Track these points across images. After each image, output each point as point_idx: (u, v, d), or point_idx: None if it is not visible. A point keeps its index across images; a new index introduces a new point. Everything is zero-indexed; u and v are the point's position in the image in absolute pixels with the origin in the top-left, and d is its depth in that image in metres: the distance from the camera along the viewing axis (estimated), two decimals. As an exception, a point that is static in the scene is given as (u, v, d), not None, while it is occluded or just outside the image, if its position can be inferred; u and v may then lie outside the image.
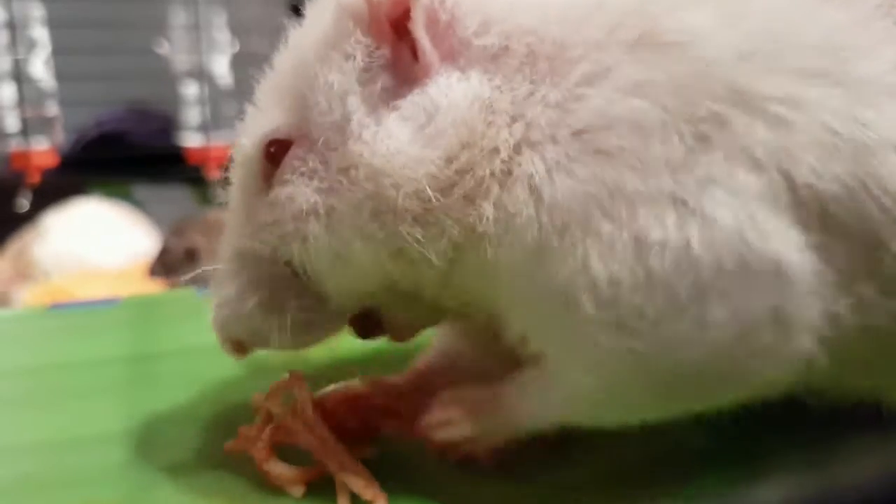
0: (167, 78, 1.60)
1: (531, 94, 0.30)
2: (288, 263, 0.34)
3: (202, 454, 0.38)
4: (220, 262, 0.36)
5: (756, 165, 0.28)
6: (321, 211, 0.32)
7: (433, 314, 0.36)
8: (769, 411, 0.33)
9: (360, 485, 0.34)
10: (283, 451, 0.36)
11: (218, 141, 1.58)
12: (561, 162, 0.29)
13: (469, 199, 0.30)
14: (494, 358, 0.37)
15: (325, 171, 0.32)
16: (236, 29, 1.61)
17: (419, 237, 0.31)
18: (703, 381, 0.30)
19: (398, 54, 0.31)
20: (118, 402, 0.45)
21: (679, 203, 0.28)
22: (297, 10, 0.36)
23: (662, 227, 0.28)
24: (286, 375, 0.38)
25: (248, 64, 0.36)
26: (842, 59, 0.29)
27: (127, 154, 1.57)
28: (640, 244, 0.28)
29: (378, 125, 0.31)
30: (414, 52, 0.31)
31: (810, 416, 0.37)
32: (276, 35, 0.36)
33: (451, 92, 0.30)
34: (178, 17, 1.59)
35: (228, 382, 0.47)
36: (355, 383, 0.38)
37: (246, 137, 0.35)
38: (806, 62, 0.29)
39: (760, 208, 0.28)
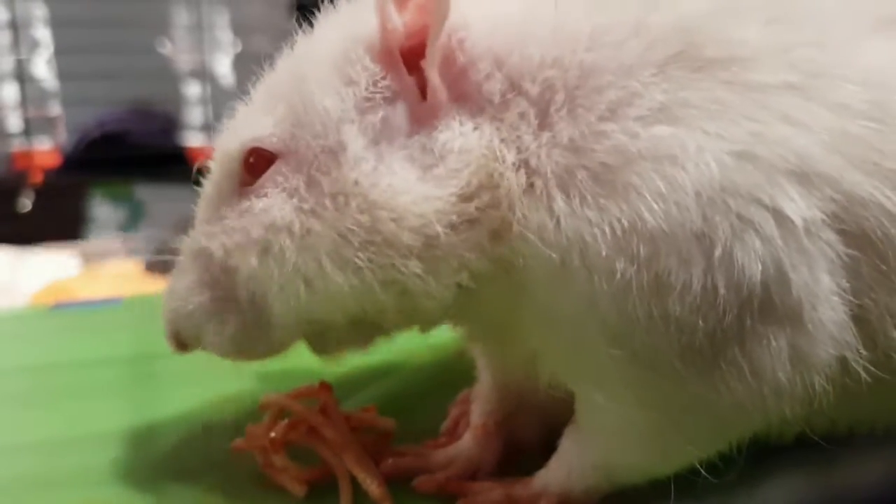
0: (169, 78, 1.60)
1: (541, 135, 0.29)
2: (240, 282, 0.32)
3: (202, 454, 0.38)
4: (180, 253, 0.35)
5: (802, 186, 0.27)
6: (296, 230, 0.30)
7: (370, 340, 0.34)
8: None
9: (373, 484, 0.34)
10: (289, 454, 0.37)
11: (220, 141, 1.58)
12: (570, 203, 0.28)
13: (497, 233, 0.29)
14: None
15: (308, 192, 0.30)
16: (239, 29, 1.61)
17: (417, 271, 0.29)
18: (717, 416, 0.30)
19: (405, 88, 0.30)
20: (119, 401, 0.45)
21: (707, 242, 0.27)
22: (303, 10, 0.34)
23: (686, 268, 0.27)
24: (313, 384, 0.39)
25: (251, 64, 0.36)
26: (882, 96, 0.28)
27: (129, 154, 1.57)
28: (659, 283, 0.27)
29: (378, 160, 0.30)
30: (422, 88, 0.30)
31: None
32: (278, 35, 0.35)
33: (463, 139, 0.29)
34: (181, 17, 1.59)
35: (229, 381, 0.47)
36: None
37: (231, 136, 0.33)
38: (848, 96, 0.28)
39: (795, 245, 0.27)
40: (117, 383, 0.49)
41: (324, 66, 0.31)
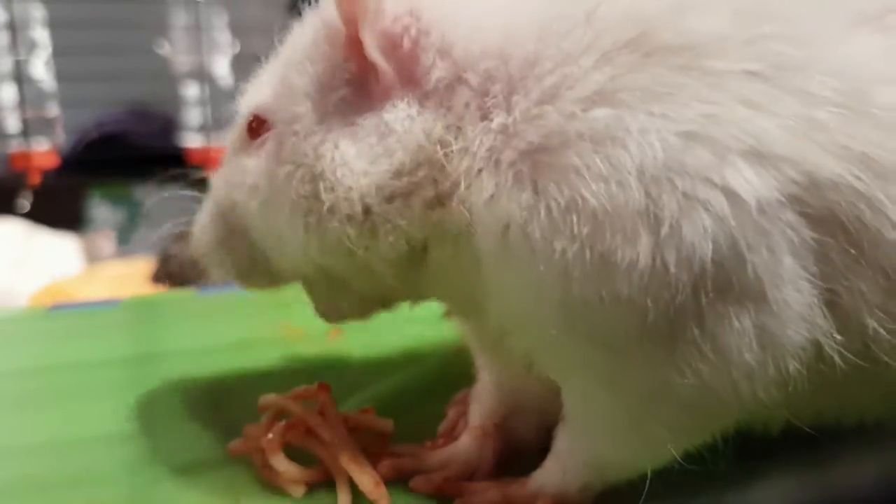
0: (168, 79, 1.60)
1: (478, 124, 0.30)
2: (241, 223, 0.36)
3: (202, 454, 0.38)
4: (210, 190, 0.39)
5: (758, 160, 0.27)
6: (262, 195, 0.34)
7: (363, 304, 0.36)
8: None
9: (370, 484, 0.34)
10: (288, 454, 0.37)
11: (219, 142, 1.58)
12: (505, 183, 0.28)
13: (435, 203, 0.31)
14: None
15: (275, 159, 0.33)
16: (237, 30, 1.61)
17: (351, 235, 0.32)
18: (690, 401, 0.29)
19: (364, 72, 0.32)
20: (119, 402, 0.45)
21: (652, 219, 0.26)
22: (300, 11, 0.36)
23: (632, 246, 0.27)
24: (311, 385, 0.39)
25: (249, 65, 0.37)
26: (853, 86, 0.28)
27: (127, 155, 1.57)
28: (604, 263, 0.27)
29: (327, 135, 0.32)
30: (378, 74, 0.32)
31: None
32: (276, 36, 0.37)
33: (406, 122, 0.31)
34: (179, 18, 1.59)
35: (229, 383, 0.47)
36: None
37: (244, 98, 0.37)
38: (813, 84, 0.28)
39: (751, 221, 0.27)
40: (116, 385, 0.49)
41: (300, 46, 0.34)
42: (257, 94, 0.36)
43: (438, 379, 0.46)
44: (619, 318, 0.27)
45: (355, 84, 0.32)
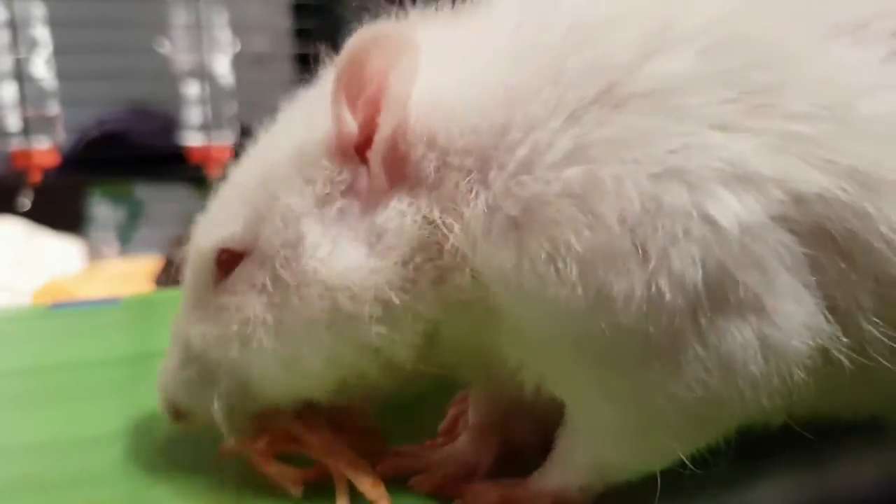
0: (168, 77, 1.60)
1: (467, 201, 0.30)
2: (223, 369, 0.35)
3: (202, 454, 0.38)
4: (171, 332, 0.37)
5: (744, 182, 0.27)
6: (269, 322, 0.33)
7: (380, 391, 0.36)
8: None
9: (367, 484, 0.34)
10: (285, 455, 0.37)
11: (219, 140, 1.58)
12: (488, 254, 0.30)
13: (439, 281, 0.31)
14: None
15: (275, 286, 0.33)
16: (237, 28, 1.61)
17: (383, 332, 0.32)
18: (696, 414, 0.30)
19: (357, 178, 0.32)
20: (118, 402, 0.45)
21: (640, 254, 0.27)
22: (301, 10, 0.35)
23: (626, 279, 0.27)
24: None
25: (250, 63, 0.37)
26: (834, 99, 0.28)
27: (128, 153, 1.57)
28: (601, 299, 0.28)
29: (333, 246, 0.32)
30: (367, 178, 0.32)
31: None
32: (277, 35, 0.36)
33: (399, 217, 0.31)
34: (180, 17, 1.59)
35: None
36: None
37: (202, 236, 0.36)
38: (789, 101, 0.28)
39: (747, 239, 0.27)
40: (116, 384, 0.49)
41: (284, 167, 0.33)
42: (219, 229, 0.35)
43: (438, 379, 0.46)
44: (623, 345, 0.28)
45: (349, 192, 0.33)
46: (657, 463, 0.32)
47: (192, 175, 1.59)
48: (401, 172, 0.32)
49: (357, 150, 0.32)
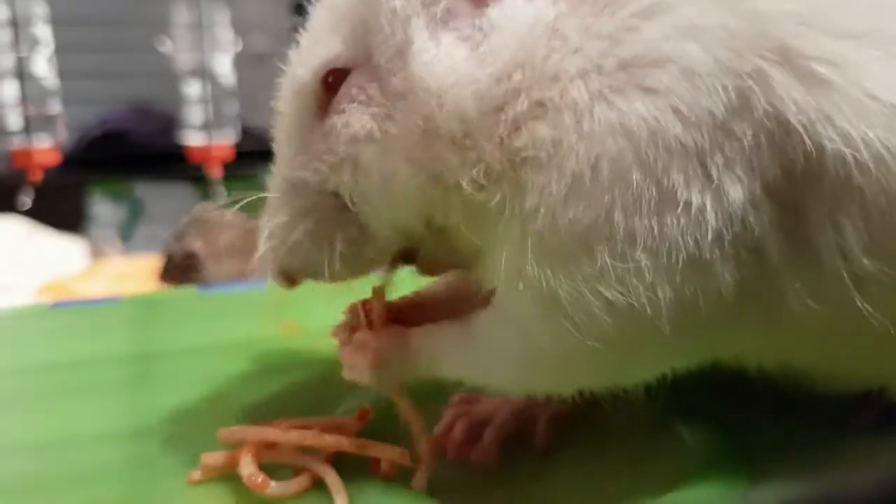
0: (170, 76, 1.59)
1: (588, 27, 0.30)
2: (335, 194, 0.34)
3: (202, 453, 0.38)
4: (270, 193, 0.36)
5: (784, 132, 0.28)
6: (377, 136, 0.32)
7: (462, 256, 0.36)
8: (767, 414, 0.33)
9: (396, 452, 0.36)
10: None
11: (220, 140, 1.57)
12: (603, 92, 0.29)
13: (518, 123, 0.30)
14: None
15: (383, 97, 0.32)
16: (239, 28, 1.61)
17: (455, 163, 0.31)
18: (658, 347, 0.31)
19: None
20: (118, 401, 0.46)
21: (708, 167, 0.28)
22: (303, 10, 0.36)
23: (687, 188, 0.28)
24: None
25: (251, 63, 0.37)
26: (889, 20, 0.29)
27: (129, 152, 1.57)
28: (663, 200, 0.28)
29: (438, 47, 0.31)
30: None
31: (808, 417, 0.37)
32: (278, 34, 0.37)
33: (513, 13, 0.30)
34: (181, 16, 1.59)
35: (229, 381, 0.47)
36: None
37: (301, 66, 0.35)
38: (851, 21, 0.29)
39: (763, 191, 0.29)
40: (116, 382, 0.49)
41: None
42: (322, 51, 0.34)
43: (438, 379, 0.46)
44: (656, 258, 0.29)
45: None
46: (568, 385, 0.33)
47: (193, 174, 1.59)
48: None
49: None
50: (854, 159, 0.28)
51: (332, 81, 0.33)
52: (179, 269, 1.05)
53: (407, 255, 0.37)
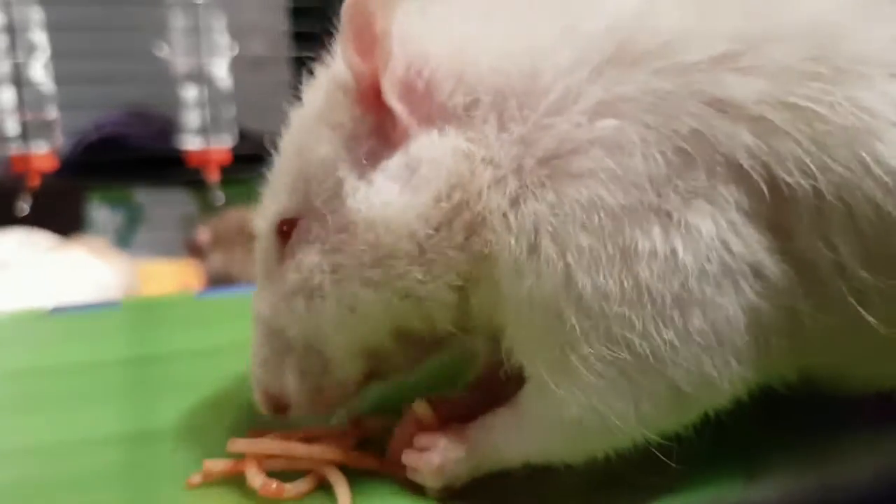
0: (167, 81, 1.59)
1: (501, 135, 0.32)
2: (295, 334, 0.37)
3: (202, 457, 0.38)
4: (254, 322, 0.39)
5: (737, 172, 0.29)
6: (326, 268, 0.34)
7: (435, 352, 0.38)
8: (766, 411, 0.33)
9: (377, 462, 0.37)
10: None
11: (218, 144, 1.57)
12: (525, 190, 0.31)
13: (471, 229, 0.32)
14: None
15: (327, 233, 0.34)
16: (236, 32, 1.61)
17: (418, 276, 0.33)
18: (685, 390, 0.30)
19: (381, 121, 0.34)
20: (118, 404, 0.46)
21: (663, 215, 0.29)
22: (299, 14, 0.37)
23: (649, 238, 0.29)
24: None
25: (248, 67, 0.38)
26: (828, 45, 0.29)
27: (127, 157, 1.57)
28: (626, 254, 0.29)
29: (369, 185, 0.33)
30: (394, 120, 0.34)
31: (806, 415, 0.37)
32: (275, 38, 0.37)
33: (431, 148, 0.33)
34: (178, 21, 1.59)
35: (228, 385, 0.47)
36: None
37: (261, 219, 0.38)
38: (789, 54, 0.29)
39: (740, 216, 0.29)
40: (116, 386, 0.49)
41: (313, 123, 0.36)
42: (273, 205, 0.37)
43: (437, 380, 0.46)
44: (640, 307, 0.29)
45: (375, 133, 0.34)
46: (613, 443, 0.33)
47: (191, 178, 1.58)
48: (426, 110, 0.33)
49: (376, 95, 0.34)
50: (824, 184, 0.29)
51: (287, 230, 0.36)
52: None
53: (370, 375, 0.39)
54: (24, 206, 1.48)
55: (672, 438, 0.32)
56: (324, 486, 0.36)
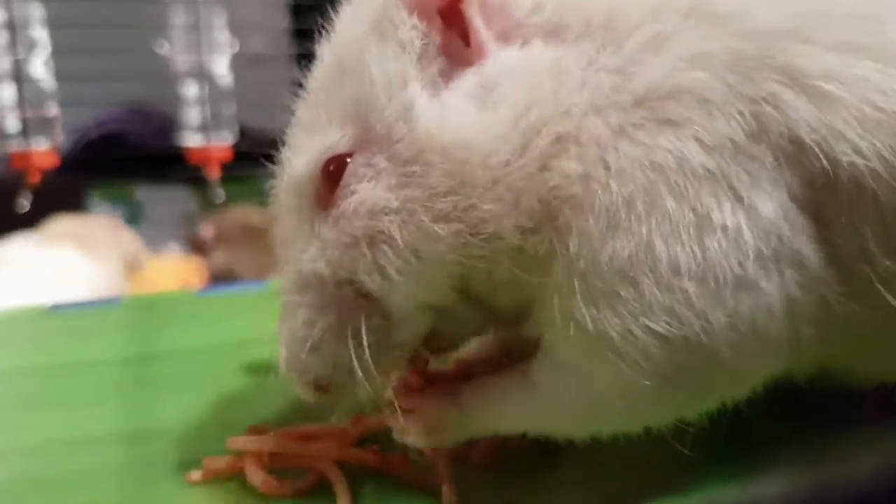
0: (167, 78, 1.59)
1: (592, 61, 0.30)
2: (351, 282, 0.32)
3: (202, 455, 0.38)
4: (281, 296, 0.35)
5: (798, 153, 0.29)
6: (395, 205, 0.31)
7: (488, 322, 0.36)
8: (765, 410, 0.33)
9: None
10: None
11: (218, 141, 1.57)
12: (624, 128, 0.29)
13: (545, 160, 0.30)
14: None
15: (393, 166, 0.31)
16: (236, 29, 1.61)
17: (491, 207, 0.30)
18: (721, 372, 0.30)
19: (448, 41, 0.32)
20: (117, 402, 0.46)
21: (734, 189, 0.29)
22: (299, 11, 0.36)
23: (721, 211, 0.29)
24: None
25: (248, 64, 0.37)
26: (880, 28, 0.30)
27: (127, 154, 1.57)
28: (701, 225, 0.29)
29: (442, 107, 0.31)
30: (465, 37, 0.31)
31: (806, 412, 0.37)
32: (275, 35, 0.36)
33: (510, 62, 0.31)
34: (178, 18, 1.59)
35: (228, 383, 0.47)
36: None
37: (298, 160, 0.33)
38: (848, 34, 0.30)
39: (791, 202, 0.29)
40: (115, 384, 0.49)
41: (369, 43, 0.32)
42: (315, 146, 0.33)
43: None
44: (704, 285, 0.29)
45: (445, 50, 0.32)
46: (635, 424, 0.33)
47: (192, 175, 1.59)
48: (504, 26, 0.31)
49: (443, 10, 0.32)
50: (867, 168, 0.29)
51: (334, 170, 0.32)
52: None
53: (427, 341, 0.35)
54: (24, 203, 1.48)
55: (685, 428, 0.32)
56: (324, 484, 0.36)
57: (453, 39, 0.32)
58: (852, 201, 0.30)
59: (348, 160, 0.32)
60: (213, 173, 1.55)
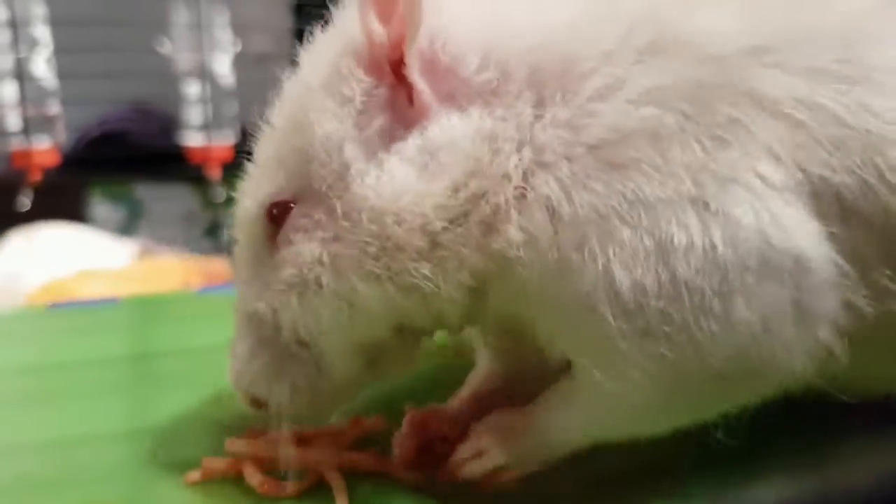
0: (169, 77, 1.59)
1: (538, 116, 0.30)
2: (286, 327, 0.34)
3: (202, 454, 0.38)
4: (235, 315, 0.36)
5: (774, 159, 0.29)
6: (326, 260, 0.32)
7: (417, 348, 0.36)
8: (766, 412, 0.33)
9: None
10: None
11: (220, 140, 1.57)
12: (577, 178, 0.29)
13: (488, 225, 0.31)
14: (534, 373, 0.37)
15: (328, 221, 0.32)
16: (238, 28, 1.61)
17: (426, 273, 0.31)
18: (730, 382, 0.30)
19: (396, 96, 0.32)
20: (118, 401, 0.45)
21: (700, 205, 0.28)
22: (302, 10, 0.36)
23: (685, 231, 0.28)
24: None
25: (250, 63, 0.37)
26: (854, 50, 0.30)
27: (128, 153, 1.57)
28: (662, 248, 0.28)
29: (379, 169, 0.31)
30: (410, 96, 0.31)
31: (807, 416, 0.37)
32: (278, 34, 0.36)
33: (451, 130, 0.31)
34: (180, 16, 1.59)
35: (227, 382, 0.47)
36: (416, 411, 0.38)
37: (248, 199, 0.35)
38: (817, 58, 0.30)
39: (780, 203, 0.29)
40: (115, 383, 0.49)
41: (316, 92, 0.33)
42: (265, 186, 0.34)
43: (437, 380, 0.46)
44: (678, 302, 0.29)
45: (389, 109, 0.32)
46: (669, 424, 0.33)
47: (193, 175, 1.58)
48: (449, 88, 0.31)
49: (393, 67, 0.32)
50: (839, 190, 0.29)
51: (277, 214, 0.33)
52: None
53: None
54: (25, 201, 1.48)
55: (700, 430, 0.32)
56: (322, 484, 0.36)
57: (399, 97, 0.32)
58: (843, 212, 0.30)
59: (292, 206, 0.33)
60: (215, 173, 1.55)
